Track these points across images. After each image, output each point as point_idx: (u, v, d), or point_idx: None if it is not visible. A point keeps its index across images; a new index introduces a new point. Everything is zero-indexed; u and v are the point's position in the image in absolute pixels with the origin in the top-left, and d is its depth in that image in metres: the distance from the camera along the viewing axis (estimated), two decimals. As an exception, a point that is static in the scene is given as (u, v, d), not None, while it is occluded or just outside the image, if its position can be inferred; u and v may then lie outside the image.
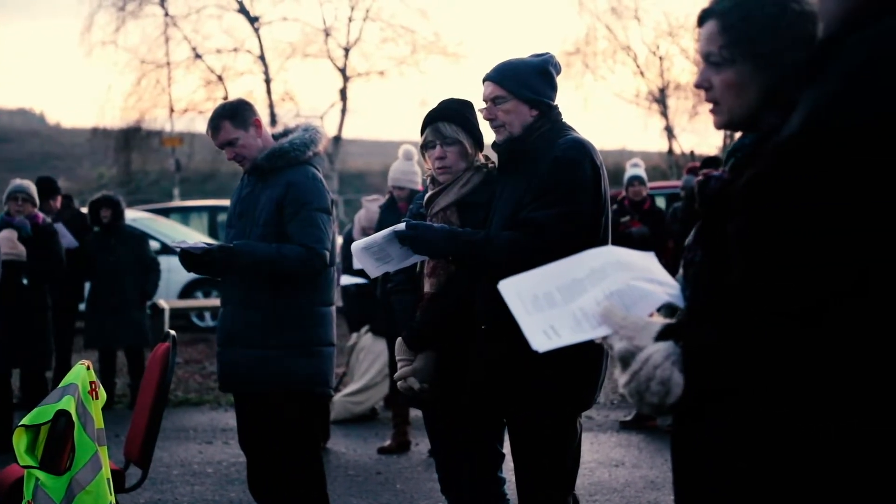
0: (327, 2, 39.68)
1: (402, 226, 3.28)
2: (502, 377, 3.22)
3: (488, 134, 3.48)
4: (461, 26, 66.26)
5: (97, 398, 3.74)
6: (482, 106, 3.32)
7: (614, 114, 53.00)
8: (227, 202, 5.96)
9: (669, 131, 27.49)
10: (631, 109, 48.70)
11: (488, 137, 3.50)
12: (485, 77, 3.32)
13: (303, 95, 43.87)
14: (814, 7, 1.72)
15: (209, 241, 6.01)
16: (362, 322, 7.43)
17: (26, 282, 6.64)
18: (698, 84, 1.85)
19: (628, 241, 7.06)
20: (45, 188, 7.89)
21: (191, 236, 13.37)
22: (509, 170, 3.32)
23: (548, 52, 3.37)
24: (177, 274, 11.34)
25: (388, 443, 6.68)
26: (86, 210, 8.77)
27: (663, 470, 5.88)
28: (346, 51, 25.78)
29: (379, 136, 46.03)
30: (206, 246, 3.92)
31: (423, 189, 3.74)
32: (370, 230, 6.05)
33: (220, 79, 25.92)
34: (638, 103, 28.06)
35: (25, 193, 6.79)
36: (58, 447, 3.62)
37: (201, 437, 7.22)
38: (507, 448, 3.51)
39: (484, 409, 3.37)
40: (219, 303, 4.28)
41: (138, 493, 5.22)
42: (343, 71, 25.82)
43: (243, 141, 4.08)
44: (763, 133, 1.74)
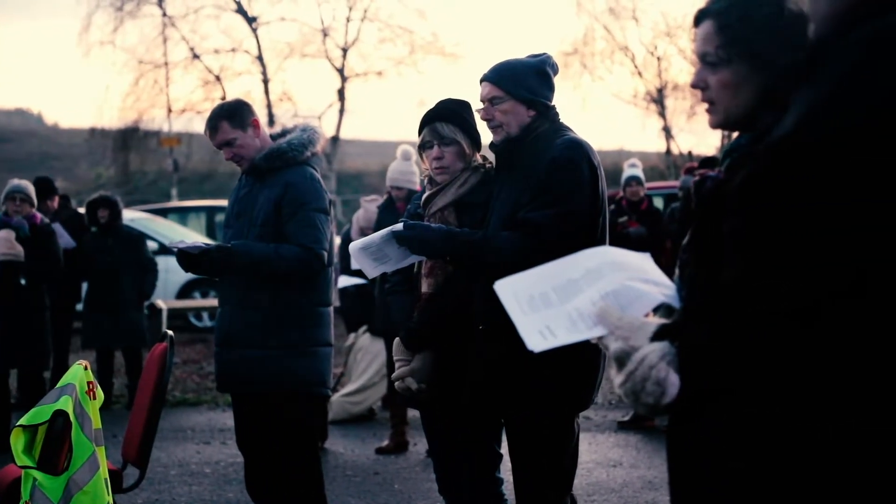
0: (325, 2, 39.70)
1: (399, 226, 3.28)
2: (500, 377, 3.22)
3: (486, 134, 3.48)
4: (459, 27, 66.43)
5: (95, 398, 3.74)
6: (480, 106, 3.32)
7: (612, 114, 53.24)
8: (225, 202, 5.96)
9: (667, 131, 27.54)
10: (629, 110, 48.97)
11: (486, 138, 3.50)
12: (482, 77, 3.32)
13: (301, 96, 44.00)
14: (809, 8, 1.73)
15: (207, 241, 6.01)
16: (360, 322, 7.43)
17: (24, 282, 6.64)
18: (694, 84, 1.86)
19: (626, 242, 7.07)
20: (43, 188, 7.90)
21: (189, 236, 13.35)
22: (507, 170, 3.32)
23: (545, 53, 3.37)
24: (174, 274, 11.34)
25: (386, 443, 6.68)
26: (83, 210, 8.77)
27: (661, 470, 5.87)
28: (344, 51, 25.82)
29: (377, 137, 46.02)
30: (203, 246, 3.91)
31: (421, 189, 3.74)
32: (368, 230, 6.05)
33: (217, 79, 25.96)
34: (636, 103, 28.13)
35: (23, 194, 6.78)
36: (55, 447, 3.62)
37: (199, 437, 7.22)
38: (505, 448, 3.52)
39: (482, 409, 3.37)
40: (216, 303, 4.27)
41: (136, 494, 5.22)
42: (341, 71, 25.86)
43: (241, 141, 4.07)
44: (759, 133, 1.74)
